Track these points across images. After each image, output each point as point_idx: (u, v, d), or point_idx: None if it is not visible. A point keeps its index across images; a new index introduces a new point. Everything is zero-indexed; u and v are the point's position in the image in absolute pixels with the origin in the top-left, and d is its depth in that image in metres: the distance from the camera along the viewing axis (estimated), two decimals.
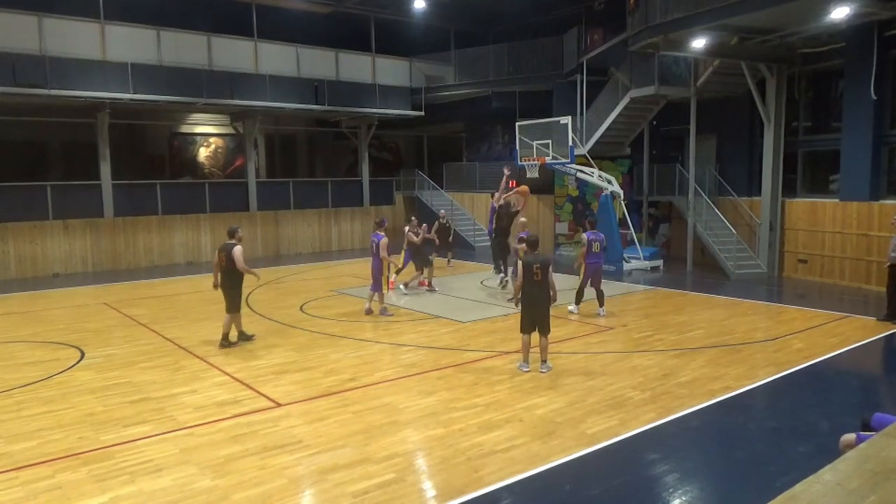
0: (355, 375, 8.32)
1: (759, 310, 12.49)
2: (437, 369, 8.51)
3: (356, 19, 23.01)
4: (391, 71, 23.55)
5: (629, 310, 12.41)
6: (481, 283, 15.40)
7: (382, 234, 11.89)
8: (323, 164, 28.04)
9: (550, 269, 8.34)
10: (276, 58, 20.91)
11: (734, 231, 17.02)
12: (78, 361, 9.25)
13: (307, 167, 27.87)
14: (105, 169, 18.84)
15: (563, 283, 15.05)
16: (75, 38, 17.40)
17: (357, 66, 22.77)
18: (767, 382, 8.02)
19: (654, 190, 20.06)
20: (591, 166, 18.26)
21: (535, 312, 8.35)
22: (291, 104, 21.16)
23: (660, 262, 17.86)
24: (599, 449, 6.03)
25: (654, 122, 19.93)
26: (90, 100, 17.67)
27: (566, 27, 21.64)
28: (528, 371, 8.33)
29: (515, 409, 7.04)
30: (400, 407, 7.14)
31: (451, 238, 18.18)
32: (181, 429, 6.62)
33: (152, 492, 5.25)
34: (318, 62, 21.79)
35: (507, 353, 9.26)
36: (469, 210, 25.03)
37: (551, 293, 8.36)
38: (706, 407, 7.14)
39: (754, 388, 7.79)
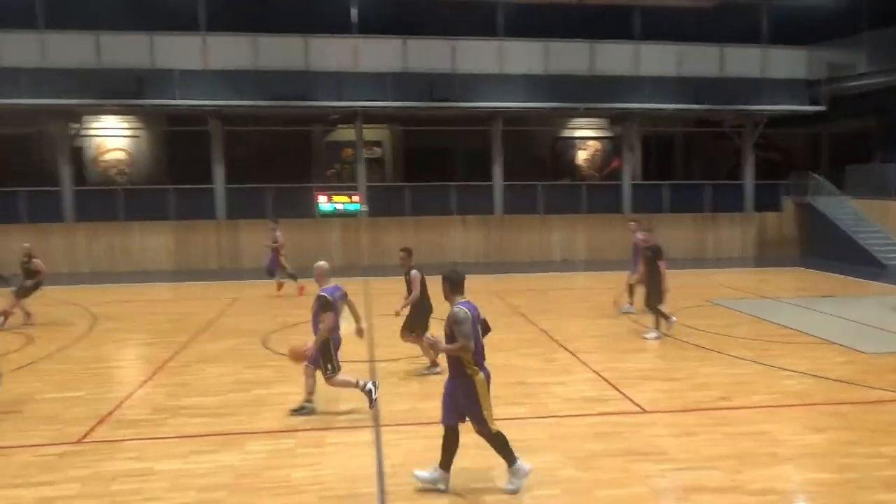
0: (728, 394, 7.78)
1: None
2: (829, 404, 7.43)
3: (744, 9, 21.34)
4: (784, 62, 21.25)
5: None
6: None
7: None
8: (701, 167, 26.75)
9: None
10: (656, 58, 20.71)
11: None
12: None
13: (684, 169, 26.93)
14: (497, 171, 21.17)
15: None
16: (478, 55, 19.94)
17: (744, 60, 21.14)
18: None
19: None
20: None
21: None
22: (671, 105, 20.74)
23: None
24: None
25: None
26: (489, 110, 20.08)
27: None
28: None
29: None
30: (780, 438, 6.44)
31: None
32: (551, 416, 7.08)
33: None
34: (699, 59, 20.91)
35: None
36: (879, 221, 21.10)
37: None
38: None
39: None
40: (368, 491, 5.41)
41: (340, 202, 20.65)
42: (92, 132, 22.27)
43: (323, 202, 20.62)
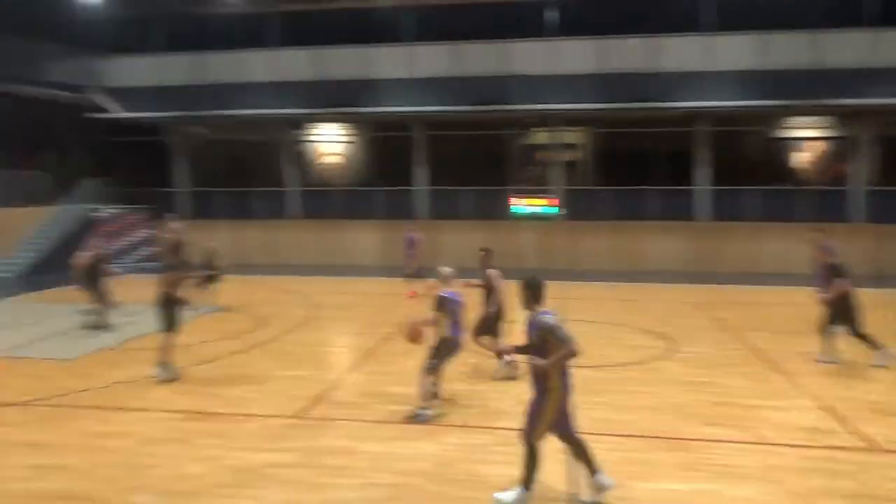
0: None
1: None
2: None
3: None
4: None
5: None
6: None
7: None
8: None
9: None
10: None
11: None
12: (670, 354, 10.05)
13: None
14: (701, 174, 19.92)
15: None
16: (685, 53, 18.90)
17: None
18: None
19: None
20: None
21: None
22: None
23: None
24: None
25: None
26: (696, 109, 18.91)
27: None
28: None
29: None
30: None
31: None
32: (765, 443, 6.46)
33: (733, 497, 5.31)
34: None
35: None
36: None
37: None
38: None
39: None
40: (556, 496, 5.35)
41: (535, 205, 20.74)
42: (313, 138, 24.66)
43: (518, 205, 20.85)
